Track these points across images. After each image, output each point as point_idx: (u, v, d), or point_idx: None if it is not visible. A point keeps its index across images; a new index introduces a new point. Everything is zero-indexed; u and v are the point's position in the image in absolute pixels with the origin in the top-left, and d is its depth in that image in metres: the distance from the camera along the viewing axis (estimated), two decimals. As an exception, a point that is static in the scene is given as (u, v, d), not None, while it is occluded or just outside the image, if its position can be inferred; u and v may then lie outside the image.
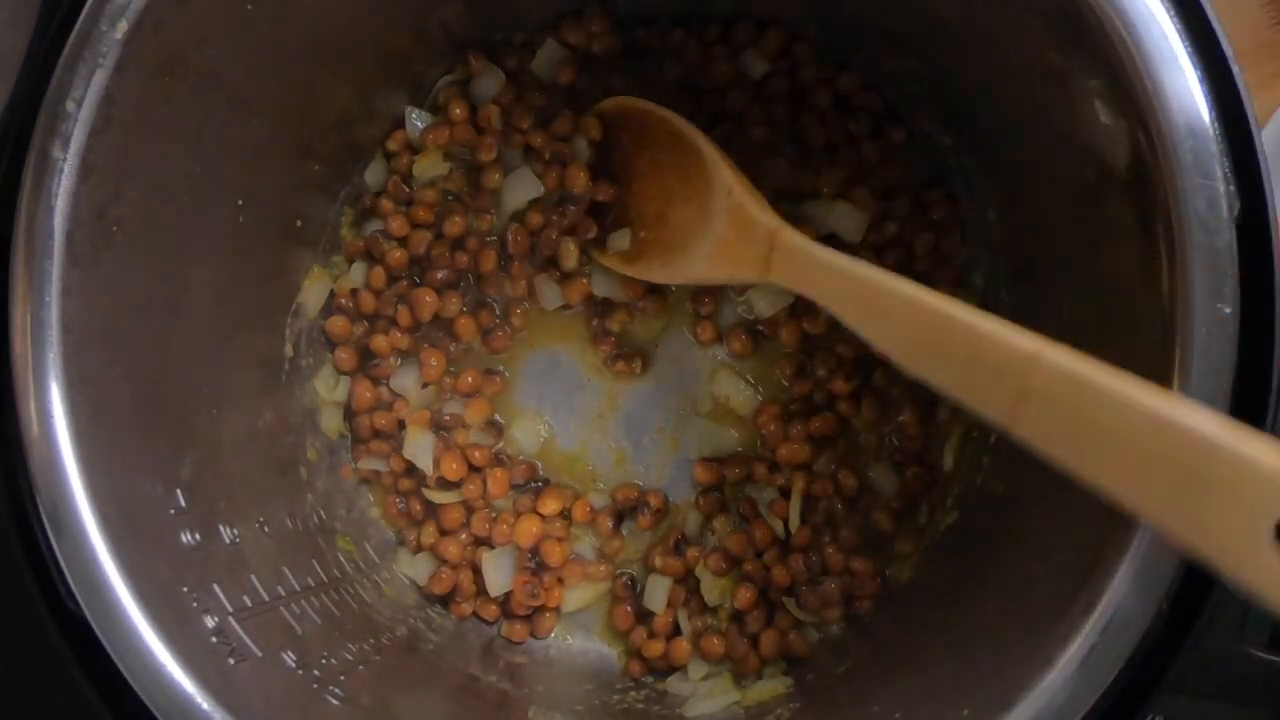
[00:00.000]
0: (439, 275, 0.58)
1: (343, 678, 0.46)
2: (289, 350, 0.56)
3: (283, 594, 0.47)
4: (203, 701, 0.39)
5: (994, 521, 0.52)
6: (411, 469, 0.58)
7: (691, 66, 0.58)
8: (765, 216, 0.50)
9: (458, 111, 0.58)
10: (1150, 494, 0.33)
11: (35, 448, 0.40)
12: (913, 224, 0.57)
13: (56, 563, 0.39)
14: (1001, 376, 0.37)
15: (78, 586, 0.39)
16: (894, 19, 0.52)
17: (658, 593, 0.57)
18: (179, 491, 0.44)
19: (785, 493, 0.57)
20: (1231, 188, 0.36)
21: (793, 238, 0.49)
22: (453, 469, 0.57)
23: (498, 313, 0.60)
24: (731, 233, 0.52)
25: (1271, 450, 0.30)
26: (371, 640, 0.51)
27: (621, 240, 0.57)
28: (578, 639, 0.59)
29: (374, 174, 0.59)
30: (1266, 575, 0.30)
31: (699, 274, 0.54)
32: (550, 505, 0.58)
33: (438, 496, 0.58)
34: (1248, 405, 0.36)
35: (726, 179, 0.52)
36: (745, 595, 0.55)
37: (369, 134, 0.59)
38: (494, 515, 0.58)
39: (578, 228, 0.58)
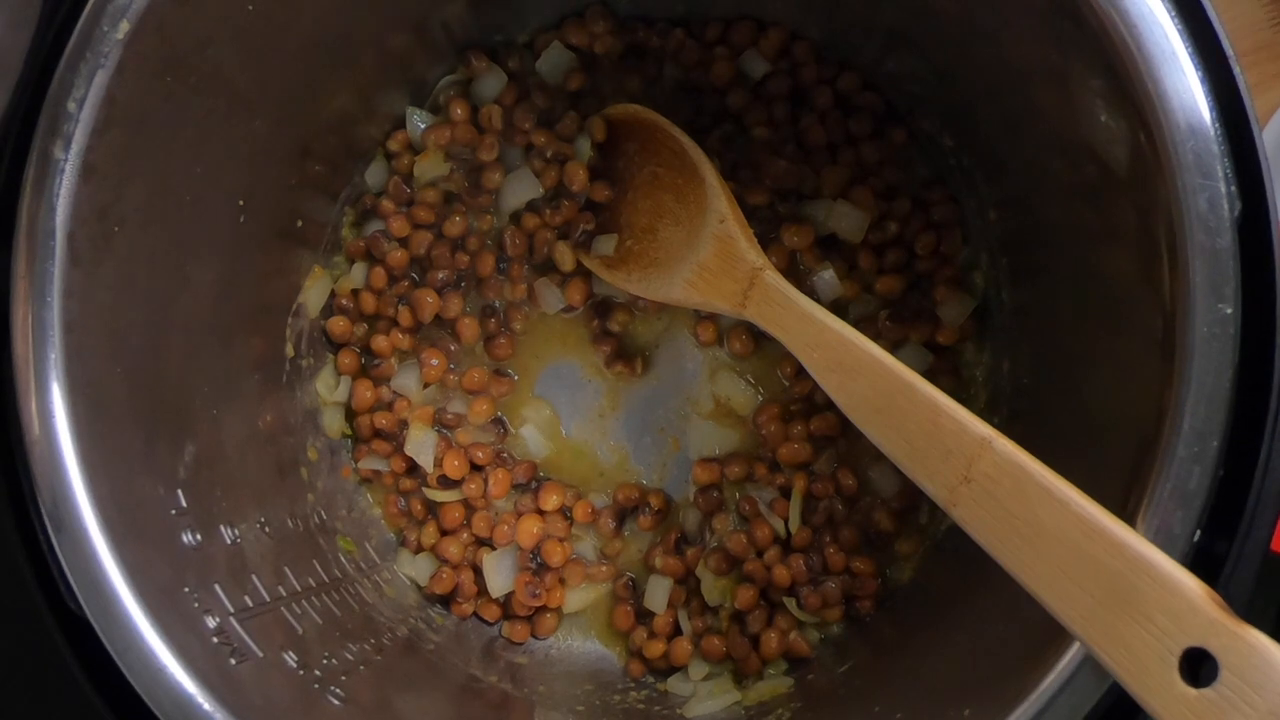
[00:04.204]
0: (440, 276, 0.58)
1: (344, 678, 0.46)
2: (290, 350, 0.56)
3: (284, 594, 0.47)
4: (204, 702, 0.39)
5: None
6: (412, 469, 0.58)
7: (692, 67, 0.58)
8: (752, 253, 0.51)
9: (459, 111, 0.58)
10: (1073, 597, 0.34)
11: (36, 447, 0.40)
12: (913, 224, 0.57)
13: (57, 562, 0.39)
14: (950, 454, 0.39)
15: (79, 586, 0.39)
16: (894, 19, 0.52)
17: (658, 593, 0.57)
18: (180, 491, 0.44)
19: (786, 492, 0.57)
20: (1232, 188, 0.36)
21: (774, 279, 0.50)
22: (454, 466, 0.57)
23: (500, 318, 0.60)
24: (715, 262, 0.52)
25: (1194, 578, 0.31)
26: (372, 640, 0.51)
27: (606, 245, 0.57)
28: (578, 639, 0.59)
29: (375, 174, 0.59)
30: (1170, 702, 0.31)
31: (676, 295, 0.54)
32: (551, 500, 0.58)
33: (439, 495, 0.58)
34: (1248, 406, 0.36)
35: (721, 208, 0.53)
36: (746, 595, 0.55)
37: (370, 134, 0.59)
38: (495, 515, 0.58)
39: (572, 224, 0.58)
